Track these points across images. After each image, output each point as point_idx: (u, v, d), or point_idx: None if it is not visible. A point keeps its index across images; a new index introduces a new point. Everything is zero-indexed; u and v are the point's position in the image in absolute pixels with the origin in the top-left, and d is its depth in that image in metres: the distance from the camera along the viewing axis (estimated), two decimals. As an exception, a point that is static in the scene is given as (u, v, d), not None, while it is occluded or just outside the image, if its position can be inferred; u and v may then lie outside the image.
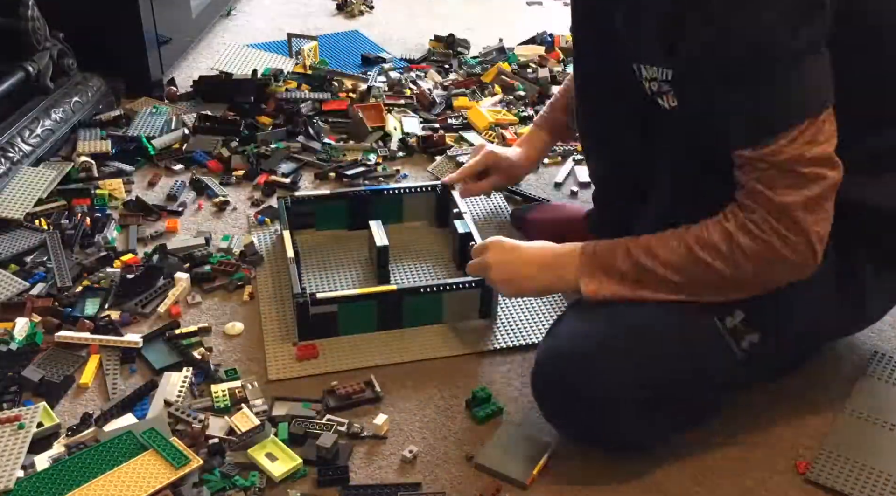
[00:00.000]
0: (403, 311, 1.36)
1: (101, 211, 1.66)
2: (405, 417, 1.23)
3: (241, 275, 1.48)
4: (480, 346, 1.35)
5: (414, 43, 2.44)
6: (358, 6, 2.68)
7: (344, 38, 2.48)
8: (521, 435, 1.19)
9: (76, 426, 1.20)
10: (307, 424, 1.19)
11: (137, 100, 2.07)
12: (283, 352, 1.33)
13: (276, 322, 1.39)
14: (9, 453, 1.13)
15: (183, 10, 2.28)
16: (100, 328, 1.36)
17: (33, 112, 1.82)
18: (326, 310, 1.33)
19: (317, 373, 1.30)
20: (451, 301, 1.37)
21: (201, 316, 1.42)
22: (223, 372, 1.29)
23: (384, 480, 1.13)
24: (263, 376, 1.29)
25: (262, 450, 1.15)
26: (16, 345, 1.33)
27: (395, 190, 1.58)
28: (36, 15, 1.83)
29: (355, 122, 1.90)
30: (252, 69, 2.11)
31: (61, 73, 1.94)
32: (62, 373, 1.28)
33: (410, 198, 1.59)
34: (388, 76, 2.17)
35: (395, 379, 1.30)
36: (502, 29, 2.54)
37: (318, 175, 1.78)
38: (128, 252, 1.54)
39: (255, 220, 1.63)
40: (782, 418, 1.24)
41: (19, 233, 1.58)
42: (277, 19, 2.61)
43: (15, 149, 1.73)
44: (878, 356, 1.35)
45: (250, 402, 1.23)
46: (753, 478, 1.15)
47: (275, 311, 1.41)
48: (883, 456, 1.17)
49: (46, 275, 1.47)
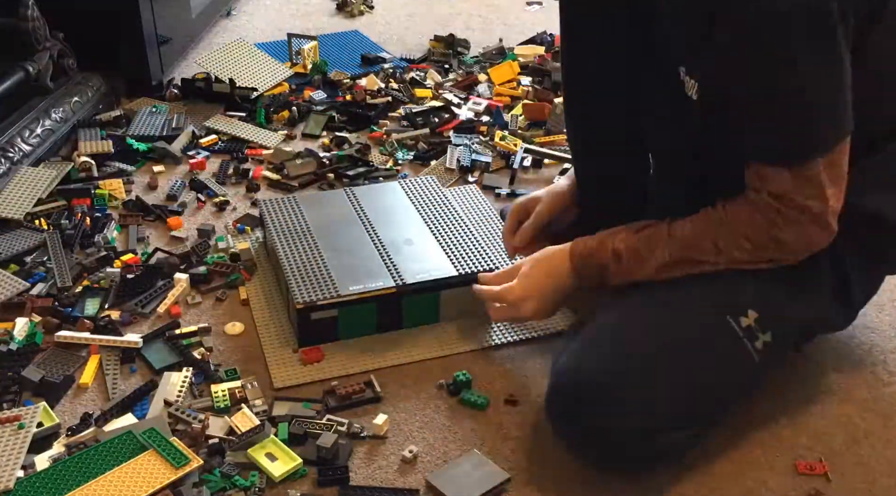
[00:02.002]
0: (403, 312, 1.36)
1: (101, 211, 1.66)
2: (405, 417, 1.23)
3: (237, 275, 1.48)
4: (481, 343, 1.36)
5: (414, 43, 2.44)
6: (358, 6, 2.67)
7: (344, 38, 2.48)
8: (483, 465, 1.15)
9: (76, 426, 1.20)
10: (307, 424, 1.19)
11: (137, 100, 2.07)
12: (285, 359, 1.32)
13: (273, 329, 1.38)
14: (9, 453, 1.13)
15: (183, 10, 2.28)
16: (100, 328, 1.36)
17: (33, 112, 1.82)
18: (327, 315, 1.33)
19: (322, 379, 1.29)
20: (449, 299, 1.37)
21: (201, 316, 1.42)
22: (223, 372, 1.29)
23: (384, 480, 1.13)
24: (263, 377, 1.29)
25: (262, 450, 1.15)
26: (16, 345, 1.33)
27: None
28: (36, 15, 1.83)
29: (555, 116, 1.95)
30: (231, 78, 2.05)
31: (61, 72, 1.94)
32: (62, 373, 1.28)
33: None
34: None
35: (395, 379, 1.30)
36: (502, 29, 2.54)
37: (318, 175, 1.78)
38: (128, 252, 1.54)
39: (234, 229, 1.62)
40: (782, 418, 1.24)
41: (19, 233, 1.58)
42: (277, 19, 2.61)
43: (15, 149, 1.74)
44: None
45: (250, 402, 1.23)
46: (753, 478, 1.15)
47: (269, 318, 1.40)
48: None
49: (46, 275, 1.47)
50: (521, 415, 1.24)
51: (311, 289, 1.32)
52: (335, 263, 1.38)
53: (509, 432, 1.22)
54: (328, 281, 1.34)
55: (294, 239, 1.44)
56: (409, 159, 1.86)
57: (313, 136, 1.94)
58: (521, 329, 1.38)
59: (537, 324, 1.38)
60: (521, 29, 2.52)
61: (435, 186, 1.59)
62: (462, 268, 1.37)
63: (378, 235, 1.45)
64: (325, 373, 1.30)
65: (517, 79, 2.17)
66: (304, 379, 1.29)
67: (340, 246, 1.42)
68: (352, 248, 1.42)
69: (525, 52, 2.34)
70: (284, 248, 1.41)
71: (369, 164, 1.82)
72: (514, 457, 1.17)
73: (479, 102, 2.03)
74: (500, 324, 1.38)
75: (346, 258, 1.39)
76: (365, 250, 1.42)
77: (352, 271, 1.36)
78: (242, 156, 1.85)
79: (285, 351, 1.34)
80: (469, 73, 2.22)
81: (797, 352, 1.31)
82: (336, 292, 1.32)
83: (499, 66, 2.20)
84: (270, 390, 1.27)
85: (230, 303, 1.44)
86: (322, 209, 1.52)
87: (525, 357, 1.34)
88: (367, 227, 1.47)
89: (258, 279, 1.49)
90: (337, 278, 1.34)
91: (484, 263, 1.38)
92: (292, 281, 1.34)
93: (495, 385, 1.29)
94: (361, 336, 1.36)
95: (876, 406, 1.27)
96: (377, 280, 1.35)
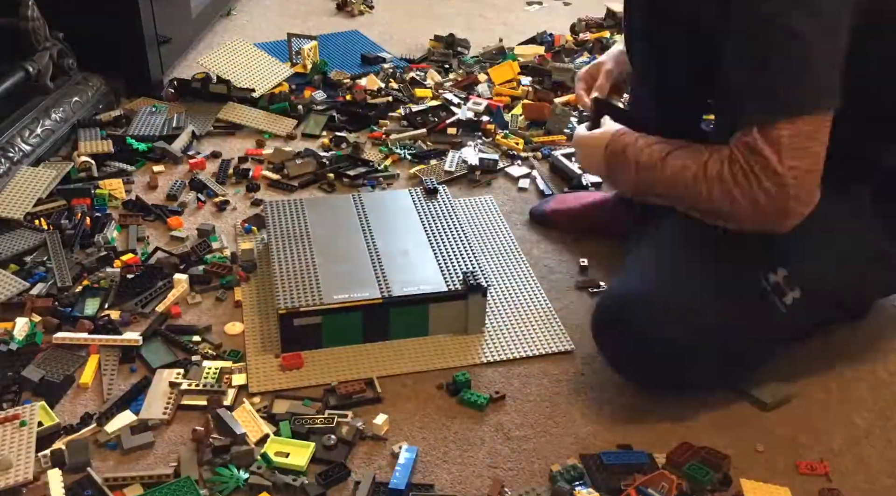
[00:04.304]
0: (391, 323, 1.35)
1: (101, 210, 1.66)
2: (405, 417, 1.23)
3: (231, 278, 1.48)
4: (470, 359, 1.34)
5: (414, 43, 2.44)
6: (358, 6, 2.68)
7: (344, 38, 2.48)
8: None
9: (76, 425, 1.20)
10: (309, 421, 1.19)
11: (137, 100, 2.07)
12: (266, 364, 1.31)
13: (261, 332, 1.37)
14: (17, 447, 1.14)
15: (183, 10, 2.28)
16: (99, 328, 1.36)
17: (33, 112, 1.82)
18: (310, 322, 1.32)
19: (298, 386, 1.28)
20: (438, 313, 1.35)
21: (201, 316, 1.42)
22: (227, 353, 1.32)
23: (384, 480, 1.13)
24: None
25: (272, 451, 1.14)
26: (16, 345, 1.33)
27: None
28: (36, 15, 1.83)
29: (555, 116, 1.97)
30: (228, 79, 2.05)
31: (61, 72, 1.94)
32: (62, 372, 1.28)
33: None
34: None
35: (395, 379, 1.30)
36: (502, 29, 2.54)
37: (318, 175, 1.78)
38: (128, 252, 1.54)
39: (241, 229, 1.62)
40: (782, 418, 1.24)
41: (19, 233, 1.58)
42: (277, 19, 2.61)
43: (15, 149, 1.73)
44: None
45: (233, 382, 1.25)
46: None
47: (259, 321, 1.40)
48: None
49: (46, 275, 1.47)
50: (521, 414, 1.25)
51: (297, 294, 1.31)
52: (325, 270, 1.36)
53: (509, 432, 1.22)
54: (314, 287, 1.32)
55: (290, 242, 1.43)
56: (409, 159, 1.86)
57: (313, 136, 1.94)
58: (512, 346, 1.36)
59: (527, 346, 1.36)
60: (521, 29, 2.53)
61: (446, 198, 1.57)
62: (453, 284, 1.34)
63: (375, 244, 1.43)
64: (303, 381, 1.28)
65: (517, 79, 2.17)
66: (280, 385, 1.27)
67: (335, 252, 1.41)
68: (346, 255, 1.41)
69: (525, 52, 2.34)
70: (279, 251, 1.41)
71: (369, 164, 1.82)
72: (514, 457, 1.17)
73: (479, 102, 2.04)
74: (488, 342, 1.37)
75: (337, 265, 1.38)
76: (358, 259, 1.40)
77: (340, 279, 1.35)
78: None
79: (268, 355, 1.33)
80: (469, 72, 2.22)
81: (855, 320, 1.38)
82: (321, 299, 1.30)
83: (499, 66, 2.20)
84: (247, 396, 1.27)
85: (230, 304, 1.44)
86: (325, 214, 1.51)
87: (520, 371, 1.34)
88: (366, 235, 1.45)
89: (256, 281, 1.49)
90: (324, 285, 1.33)
91: (479, 280, 1.35)
92: (279, 285, 1.33)
93: (494, 386, 1.29)
94: (346, 345, 1.35)
95: (876, 406, 1.27)
96: (364, 290, 1.33)
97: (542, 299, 1.46)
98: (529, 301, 1.46)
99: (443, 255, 1.41)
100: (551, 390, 1.29)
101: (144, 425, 1.19)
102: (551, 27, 2.49)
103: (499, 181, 1.80)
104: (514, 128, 1.97)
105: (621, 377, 1.26)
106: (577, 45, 2.38)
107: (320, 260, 1.39)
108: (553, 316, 1.42)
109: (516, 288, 1.49)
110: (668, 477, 1.09)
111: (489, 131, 1.94)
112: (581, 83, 1.53)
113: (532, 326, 1.40)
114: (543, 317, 1.42)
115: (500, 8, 2.73)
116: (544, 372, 1.32)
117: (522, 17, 2.67)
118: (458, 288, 1.34)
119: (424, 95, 2.09)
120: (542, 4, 2.77)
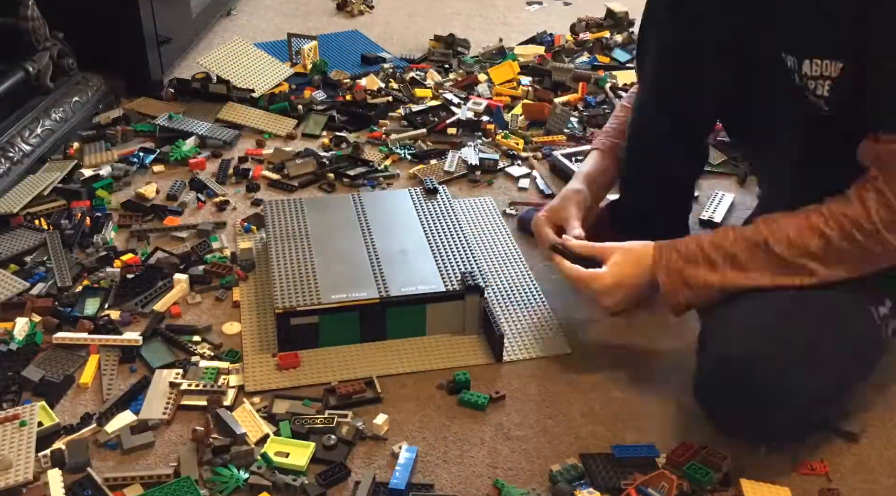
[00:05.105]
0: (388, 323, 1.34)
1: (101, 210, 1.66)
2: (405, 417, 1.23)
3: (230, 278, 1.48)
4: (468, 360, 1.34)
5: (414, 43, 2.44)
6: (358, 6, 2.68)
7: (344, 38, 2.48)
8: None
9: (76, 425, 1.20)
10: (309, 421, 1.19)
11: (137, 100, 2.07)
12: (262, 363, 1.31)
13: (258, 332, 1.37)
14: (17, 447, 1.14)
15: (183, 10, 2.28)
16: (99, 328, 1.36)
17: (33, 112, 1.83)
18: (307, 322, 1.31)
19: (294, 386, 1.28)
20: (436, 313, 1.35)
21: (201, 316, 1.42)
22: (225, 353, 1.32)
23: (384, 480, 1.13)
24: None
25: (272, 451, 1.14)
26: (16, 345, 1.33)
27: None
28: (36, 15, 1.83)
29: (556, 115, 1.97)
30: (227, 80, 2.05)
31: (61, 72, 1.94)
32: (62, 372, 1.28)
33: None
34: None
35: (395, 379, 1.30)
36: (502, 29, 2.54)
37: (318, 175, 1.78)
38: (127, 252, 1.54)
39: (241, 228, 1.62)
40: (782, 418, 1.24)
41: (19, 233, 1.58)
42: (277, 19, 2.61)
43: (15, 149, 1.74)
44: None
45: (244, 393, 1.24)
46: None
47: (257, 321, 1.40)
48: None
49: (46, 275, 1.47)
50: (521, 414, 1.25)
51: (294, 294, 1.31)
52: (323, 270, 1.36)
53: (509, 432, 1.22)
54: (312, 287, 1.32)
55: (289, 242, 1.43)
56: (409, 159, 1.86)
57: (313, 136, 1.94)
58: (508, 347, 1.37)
59: (526, 348, 1.36)
60: (521, 29, 2.53)
61: (446, 198, 1.56)
62: (451, 284, 1.34)
63: (374, 244, 1.43)
64: (299, 381, 1.28)
65: (517, 79, 2.17)
66: (276, 384, 1.27)
67: (333, 252, 1.41)
68: (344, 255, 1.40)
69: (525, 51, 2.34)
70: (277, 251, 1.41)
71: (369, 164, 1.82)
72: (514, 457, 1.17)
73: (479, 102, 2.04)
74: (488, 342, 1.36)
75: (335, 265, 1.38)
76: (357, 258, 1.40)
77: (338, 279, 1.34)
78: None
79: (265, 355, 1.33)
80: (469, 72, 2.22)
81: None
82: (318, 299, 1.30)
83: (499, 66, 2.20)
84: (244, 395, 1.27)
85: (229, 304, 1.44)
86: (325, 214, 1.51)
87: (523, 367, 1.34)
88: (365, 235, 1.45)
89: (255, 280, 1.49)
90: (321, 285, 1.33)
91: (477, 281, 1.35)
92: (276, 284, 1.33)
93: (494, 385, 1.29)
94: (344, 344, 1.35)
95: (876, 406, 1.27)
96: (361, 290, 1.32)
97: (540, 300, 1.46)
98: (528, 301, 1.46)
99: (441, 256, 1.41)
100: (551, 390, 1.29)
101: (144, 425, 1.19)
102: (551, 27, 2.49)
103: (499, 181, 1.81)
104: (514, 128, 1.97)
105: (733, 436, 1.17)
106: (577, 45, 2.38)
107: (319, 259, 1.39)
108: (551, 317, 1.42)
109: (515, 288, 1.49)
110: (669, 477, 1.09)
111: (489, 131, 1.94)
112: (544, 228, 1.36)
113: (530, 327, 1.40)
114: (541, 319, 1.42)
115: (500, 8, 2.73)
116: (544, 372, 1.32)
117: (522, 17, 2.67)
118: (457, 288, 1.34)
119: (424, 95, 2.09)
120: (542, 4, 2.77)
